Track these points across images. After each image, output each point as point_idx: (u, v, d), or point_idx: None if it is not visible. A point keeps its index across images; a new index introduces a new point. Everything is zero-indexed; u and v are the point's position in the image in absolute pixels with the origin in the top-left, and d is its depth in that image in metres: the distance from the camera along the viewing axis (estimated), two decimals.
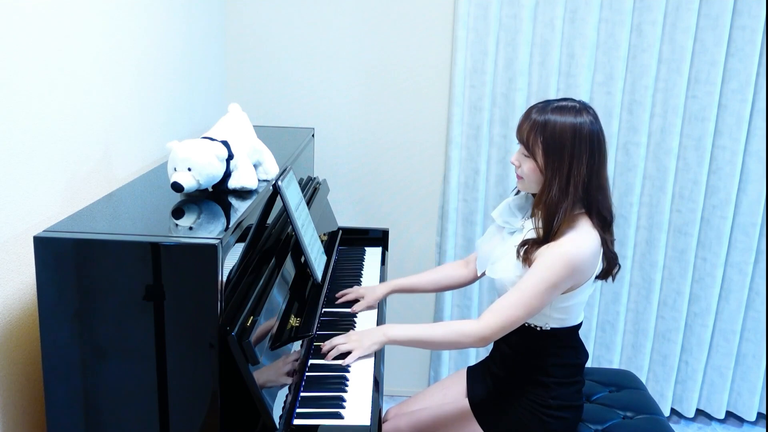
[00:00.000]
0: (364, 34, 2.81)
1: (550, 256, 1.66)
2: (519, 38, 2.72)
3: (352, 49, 2.82)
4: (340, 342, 1.77)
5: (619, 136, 2.81)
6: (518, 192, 1.89)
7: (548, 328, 1.77)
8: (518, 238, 1.79)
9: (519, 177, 1.78)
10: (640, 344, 3.00)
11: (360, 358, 1.74)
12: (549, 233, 1.70)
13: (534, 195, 1.78)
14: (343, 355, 1.74)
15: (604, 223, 1.74)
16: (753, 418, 3.02)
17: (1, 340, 1.38)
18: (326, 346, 1.77)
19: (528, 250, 1.72)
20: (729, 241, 2.87)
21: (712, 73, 2.70)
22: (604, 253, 1.74)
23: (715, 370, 3.01)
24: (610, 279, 1.80)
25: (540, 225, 1.73)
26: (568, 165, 1.68)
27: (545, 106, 1.73)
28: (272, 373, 1.48)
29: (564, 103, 1.73)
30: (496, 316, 1.68)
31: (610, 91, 2.75)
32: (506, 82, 2.77)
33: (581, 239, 1.68)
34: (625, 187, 2.85)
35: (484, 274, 1.94)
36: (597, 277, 1.77)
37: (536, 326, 1.78)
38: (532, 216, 1.77)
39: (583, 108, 1.73)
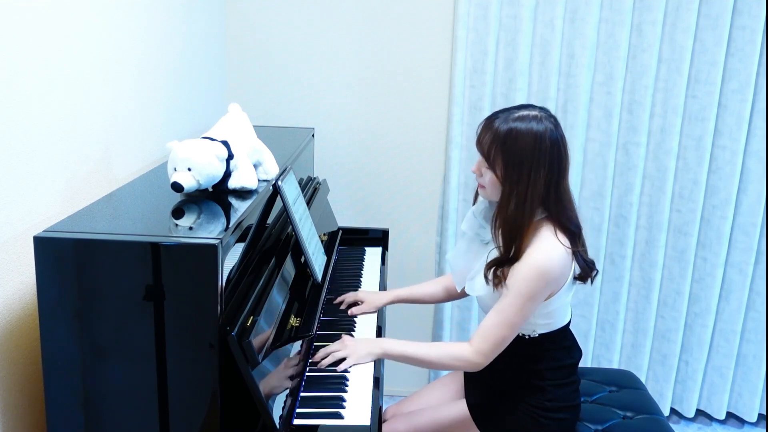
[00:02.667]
0: (364, 34, 2.81)
1: (522, 269, 1.65)
2: (519, 38, 2.72)
3: (352, 49, 2.82)
4: (335, 349, 1.76)
5: (619, 136, 2.81)
6: (476, 199, 1.88)
7: (536, 335, 1.77)
8: (492, 248, 1.76)
9: (481, 186, 1.76)
10: (639, 344, 3.00)
11: (354, 365, 1.74)
12: (511, 251, 1.68)
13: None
14: (338, 362, 1.74)
15: (570, 236, 1.71)
16: (754, 419, 3.01)
17: (1, 340, 1.38)
18: (321, 353, 1.76)
19: (496, 272, 1.70)
20: (729, 241, 2.87)
21: (712, 73, 2.70)
22: (576, 261, 1.73)
23: (716, 371, 3.01)
24: (589, 281, 1.78)
25: (500, 243, 1.70)
26: (526, 179, 1.66)
27: (507, 115, 1.70)
28: (272, 373, 1.48)
29: (525, 112, 1.69)
30: (485, 341, 1.69)
31: (610, 91, 2.75)
32: (506, 82, 2.77)
33: (549, 247, 1.66)
34: (625, 187, 2.85)
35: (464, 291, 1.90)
36: (575, 279, 1.76)
37: (524, 335, 1.78)
38: (493, 231, 1.73)
39: (544, 116, 1.69)
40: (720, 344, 2.98)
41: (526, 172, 1.66)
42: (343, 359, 1.73)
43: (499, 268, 1.70)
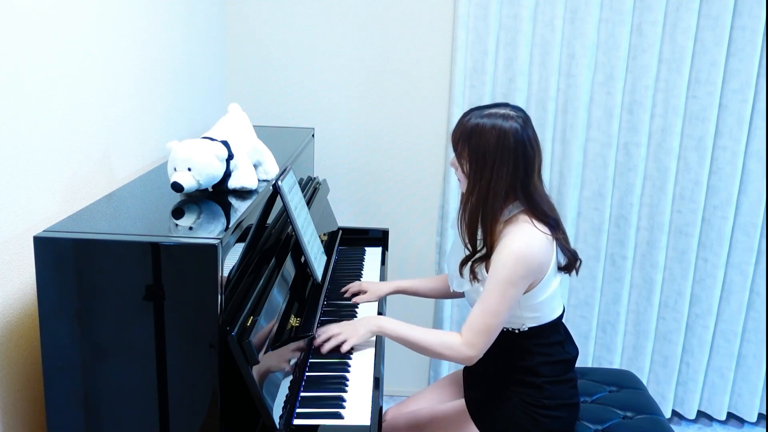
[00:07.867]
0: (363, 34, 2.81)
1: (501, 257, 1.66)
2: (519, 38, 2.71)
3: (351, 49, 2.82)
4: (335, 332, 1.79)
5: (619, 136, 2.81)
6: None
7: (526, 329, 1.77)
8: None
9: (459, 180, 1.79)
10: (641, 345, 2.99)
11: (356, 346, 1.79)
12: (478, 246, 1.72)
13: None
14: (339, 346, 1.78)
15: (549, 226, 1.72)
16: (754, 419, 3.01)
17: (1, 340, 1.38)
18: (322, 336, 1.79)
19: (472, 267, 1.74)
20: (730, 241, 2.87)
21: (712, 73, 2.70)
22: (560, 250, 1.74)
23: (716, 371, 3.01)
24: (574, 273, 1.80)
25: (465, 237, 1.73)
26: (488, 175, 1.68)
27: (479, 112, 1.72)
28: (272, 373, 1.48)
29: (495, 110, 1.71)
30: (471, 330, 1.70)
31: (610, 91, 2.75)
32: (506, 82, 2.77)
33: (528, 235, 1.67)
34: (626, 187, 2.85)
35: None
36: (560, 269, 1.77)
37: (514, 329, 1.78)
38: (457, 226, 1.77)
39: (514, 115, 1.70)
40: (720, 345, 2.98)
41: (489, 167, 1.68)
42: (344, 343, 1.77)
43: (475, 264, 1.73)
